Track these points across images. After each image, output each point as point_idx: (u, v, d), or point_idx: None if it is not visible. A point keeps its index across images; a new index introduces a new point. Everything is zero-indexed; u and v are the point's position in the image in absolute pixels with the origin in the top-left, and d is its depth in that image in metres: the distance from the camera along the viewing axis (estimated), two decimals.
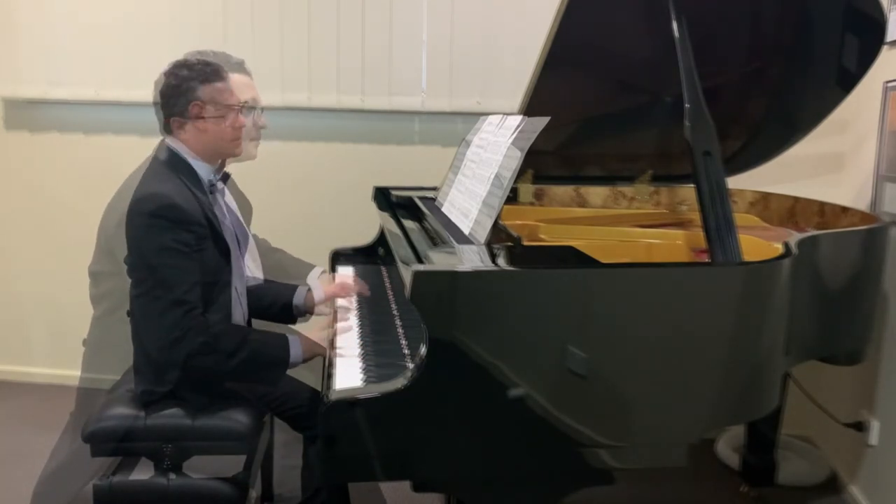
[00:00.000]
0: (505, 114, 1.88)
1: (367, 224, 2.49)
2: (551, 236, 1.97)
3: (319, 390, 1.69)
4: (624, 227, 2.14)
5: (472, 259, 1.44)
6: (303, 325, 2.14)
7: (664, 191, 2.51)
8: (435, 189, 2.22)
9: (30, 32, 3.07)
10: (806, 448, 2.75)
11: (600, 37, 1.97)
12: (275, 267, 2.43)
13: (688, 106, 1.61)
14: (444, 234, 1.68)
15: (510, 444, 1.36)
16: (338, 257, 2.44)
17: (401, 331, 1.80)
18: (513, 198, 2.37)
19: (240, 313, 1.88)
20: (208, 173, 1.82)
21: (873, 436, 2.33)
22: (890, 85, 2.32)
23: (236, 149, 1.86)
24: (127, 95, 3.03)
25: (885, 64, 2.21)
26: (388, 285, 2.22)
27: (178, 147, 1.79)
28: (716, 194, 1.56)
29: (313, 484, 1.89)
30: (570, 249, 1.56)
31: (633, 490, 2.44)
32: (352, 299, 2.03)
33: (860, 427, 2.38)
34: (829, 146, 2.67)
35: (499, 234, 1.58)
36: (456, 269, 1.33)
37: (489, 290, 1.32)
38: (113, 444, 1.73)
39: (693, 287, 1.42)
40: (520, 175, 2.07)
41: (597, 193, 2.52)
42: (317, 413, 1.35)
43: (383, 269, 2.37)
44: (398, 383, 1.32)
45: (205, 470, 1.76)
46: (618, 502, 2.33)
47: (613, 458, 1.39)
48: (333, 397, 1.33)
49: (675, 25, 1.69)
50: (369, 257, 2.45)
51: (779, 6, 2.05)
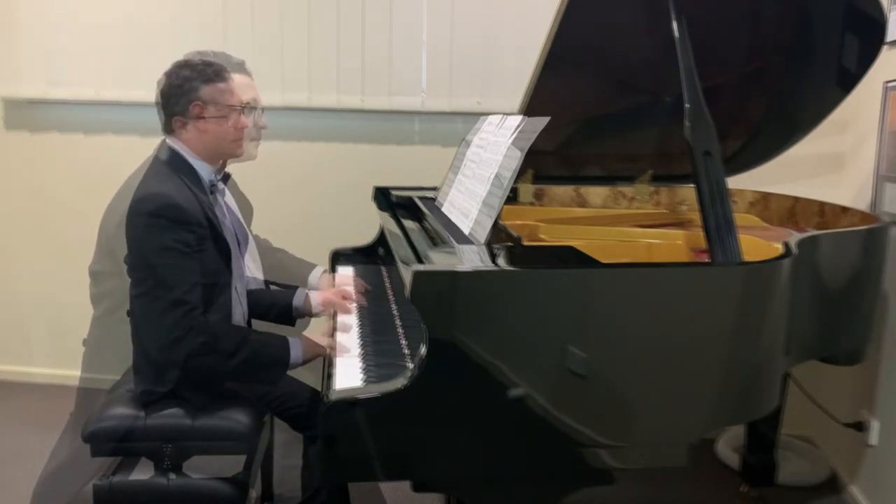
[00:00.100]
0: (505, 114, 1.88)
1: (367, 224, 2.49)
2: (551, 236, 1.97)
3: (319, 390, 1.69)
4: (624, 227, 2.14)
5: (472, 259, 1.44)
6: (304, 328, 2.14)
7: (664, 191, 2.51)
8: (435, 189, 2.21)
9: (30, 32, 3.07)
10: (806, 448, 2.75)
11: (600, 37, 1.98)
12: (276, 267, 2.43)
13: (688, 106, 1.62)
14: (444, 234, 1.68)
15: (510, 443, 1.36)
16: (338, 257, 2.43)
17: (401, 331, 1.80)
18: (513, 198, 2.37)
19: (240, 313, 1.88)
20: (209, 173, 1.82)
21: (873, 436, 2.32)
22: (890, 85, 2.32)
23: (237, 149, 1.86)
24: (127, 95, 3.03)
25: (885, 64, 2.21)
26: (388, 285, 2.22)
27: (179, 147, 1.79)
28: (716, 194, 1.56)
29: (313, 484, 1.89)
30: (570, 249, 1.56)
31: (633, 490, 2.44)
32: (351, 303, 2.02)
33: (860, 427, 2.38)
34: (829, 146, 2.67)
35: (499, 234, 1.58)
36: (456, 269, 1.33)
37: (489, 290, 1.32)
38: (113, 444, 1.73)
39: (693, 287, 1.42)
40: (520, 175, 2.07)
41: (597, 193, 2.52)
42: (317, 413, 1.35)
43: (383, 269, 2.37)
44: (398, 383, 1.32)
45: (205, 470, 1.76)
46: (618, 502, 2.33)
47: (613, 458, 1.39)
48: (333, 397, 1.33)
49: (675, 25, 1.69)
50: (369, 257, 2.45)
51: (779, 6, 2.05)
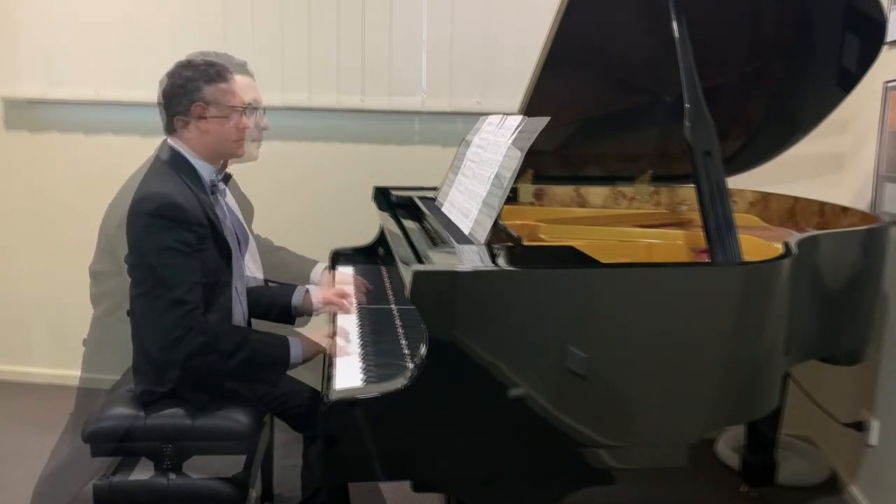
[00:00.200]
0: (505, 114, 1.88)
1: (367, 224, 2.49)
2: (551, 236, 1.97)
3: (319, 390, 1.69)
4: (624, 227, 2.14)
5: (472, 259, 1.44)
6: (303, 328, 2.14)
7: (664, 191, 2.51)
8: (435, 189, 2.21)
9: (30, 32, 3.07)
10: (806, 448, 2.75)
11: (600, 37, 1.97)
12: (277, 265, 2.43)
13: (688, 106, 1.62)
14: (444, 234, 1.68)
15: (510, 444, 1.36)
16: (338, 257, 2.43)
17: (401, 331, 1.80)
18: (513, 198, 2.37)
19: (240, 313, 1.88)
20: (210, 173, 1.82)
21: (873, 436, 2.32)
22: (890, 85, 2.32)
23: (239, 149, 1.86)
24: (127, 95, 3.03)
25: (885, 64, 2.21)
26: (388, 285, 2.22)
27: (180, 147, 1.79)
28: (716, 194, 1.56)
29: (313, 484, 1.89)
30: (570, 249, 1.56)
31: (633, 490, 2.44)
32: (351, 301, 2.02)
33: (860, 427, 2.38)
34: (829, 146, 2.67)
35: (499, 234, 1.58)
36: (456, 269, 1.33)
37: (489, 290, 1.32)
38: (113, 444, 1.73)
39: (693, 287, 1.42)
40: (520, 175, 2.07)
41: (597, 193, 2.52)
42: (317, 413, 1.35)
43: (383, 269, 2.37)
44: (398, 383, 1.32)
45: (205, 470, 1.76)
46: (618, 502, 2.33)
47: (613, 458, 1.39)
48: (333, 397, 1.33)
49: (675, 25, 1.69)
50: (369, 257, 2.45)
51: (779, 6, 2.05)
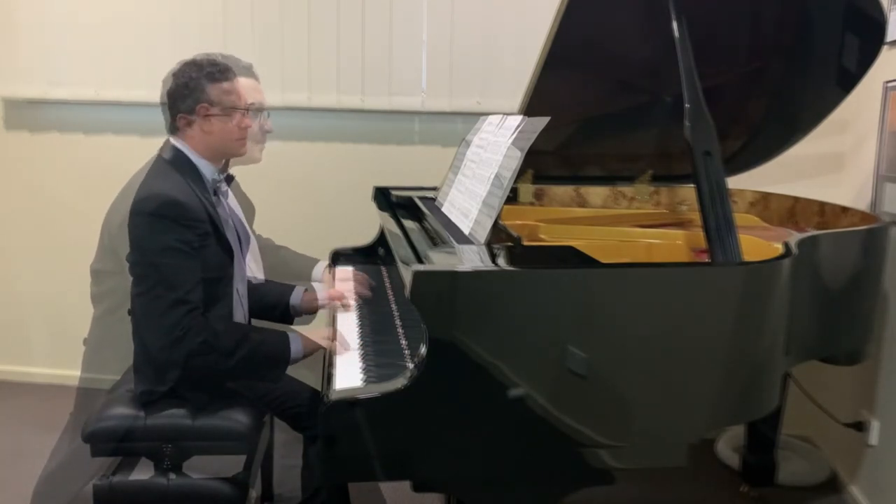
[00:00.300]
0: (505, 114, 1.88)
1: (367, 224, 2.49)
2: (551, 236, 1.97)
3: (319, 390, 1.69)
4: (624, 227, 2.14)
5: (472, 259, 1.44)
6: (303, 328, 2.14)
7: (664, 191, 2.51)
8: (435, 189, 2.21)
9: (30, 32, 3.07)
10: (806, 448, 2.75)
11: (600, 37, 1.97)
12: (279, 264, 2.43)
13: (688, 106, 1.61)
14: (444, 234, 1.68)
15: (510, 444, 1.36)
16: (338, 257, 2.43)
17: (401, 331, 1.80)
18: (513, 198, 2.37)
19: (241, 314, 1.88)
20: (212, 173, 1.82)
21: (873, 436, 2.32)
22: (890, 85, 2.32)
23: (241, 148, 1.87)
24: (127, 95, 3.04)
25: (885, 64, 2.21)
26: (388, 285, 2.22)
27: (182, 146, 1.79)
28: (716, 194, 1.56)
29: (313, 484, 1.89)
30: (570, 249, 1.56)
31: (633, 490, 2.44)
32: (350, 300, 2.03)
33: (860, 427, 2.38)
34: (829, 146, 2.67)
35: (499, 234, 1.58)
36: (456, 269, 1.33)
37: (489, 290, 1.32)
38: (113, 444, 1.73)
39: (693, 287, 1.42)
40: (520, 175, 2.07)
41: (597, 193, 2.52)
42: (317, 413, 1.35)
43: (383, 269, 2.37)
44: (398, 383, 1.32)
45: (205, 470, 1.76)
46: (618, 502, 2.33)
47: (613, 458, 1.39)
48: (333, 397, 1.33)
49: (675, 25, 1.69)
50: (369, 257, 2.44)
51: (779, 6, 2.05)
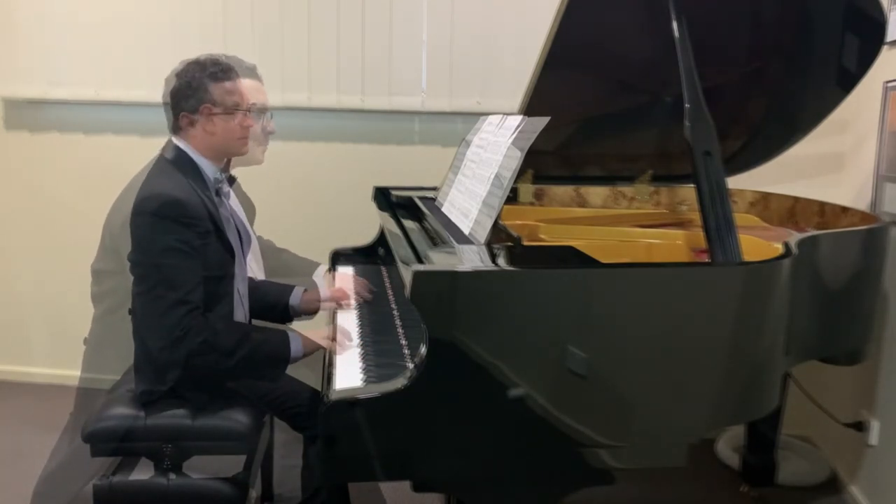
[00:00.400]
0: (505, 114, 1.88)
1: (367, 224, 2.49)
2: (551, 236, 1.97)
3: (319, 390, 1.69)
4: (624, 227, 2.14)
5: (472, 259, 1.44)
6: (303, 327, 2.14)
7: (664, 191, 2.51)
8: (435, 189, 2.21)
9: (30, 32, 3.07)
10: (806, 448, 2.75)
11: (600, 37, 1.97)
12: (280, 267, 2.44)
13: (688, 106, 1.61)
14: (444, 234, 1.68)
15: (510, 444, 1.36)
16: (338, 257, 2.43)
17: (401, 331, 1.80)
18: (513, 198, 2.37)
19: (241, 314, 1.88)
20: (214, 172, 1.82)
21: (873, 436, 2.32)
22: (890, 85, 2.32)
23: (243, 147, 1.87)
24: (127, 95, 3.04)
25: (885, 64, 2.21)
26: (388, 285, 2.22)
27: (185, 146, 1.79)
28: (716, 194, 1.56)
29: (313, 484, 1.89)
30: (570, 249, 1.56)
31: (633, 490, 2.44)
32: (350, 300, 2.03)
33: (860, 427, 2.38)
34: (829, 146, 2.66)
35: (499, 234, 1.58)
36: (456, 269, 1.33)
37: (489, 290, 1.32)
38: (113, 444, 1.73)
39: (693, 287, 1.42)
40: (520, 175, 2.07)
41: (597, 193, 2.52)
42: (317, 413, 1.35)
43: (383, 269, 2.37)
44: (398, 383, 1.32)
45: (205, 470, 1.76)
46: (618, 502, 2.33)
47: (613, 458, 1.39)
48: (333, 397, 1.33)
49: (675, 25, 1.69)
50: (369, 257, 2.44)
51: (779, 6, 2.05)
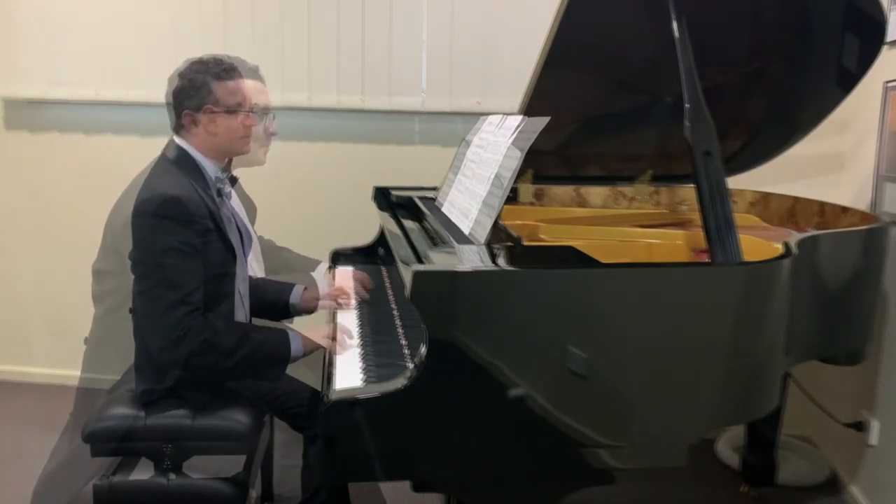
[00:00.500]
0: (505, 114, 1.88)
1: (367, 224, 2.49)
2: (551, 236, 1.97)
3: (319, 390, 1.69)
4: (624, 227, 2.14)
5: (472, 259, 1.44)
6: (303, 327, 2.14)
7: (664, 191, 2.51)
8: (435, 189, 2.21)
9: (30, 32, 3.07)
10: (806, 448, 2.75)
11: (600, 37, 1.97)
12: (281, 266, 2.44)
13: (688, 106, 1.61)
14: (444, 234, 1.68)
15: (510, 444, 1.36)
16: (338, 257, 2.43)
17: (401, 331, 1.80)
18: (513, 198, 2.37)
19: (242, 315, 1.88)
20: (215, 171, 1.82)
21: (873, 436, 2.32)
22: (890, 85, 2.32)
23: (245, 146, 1.87)
24: (127, 95, 3.04)
25: (885, 64, 2.21)
26: (388, 285, 2.22)
27: (187, 146, 1.79)
28: (716, 194, 1.56)
29: (313, 484, 1.89)
30: (570, 249, 1.56)
31: (633, 490, 2.44)
32: (350, 299, 2.03)
33: (860, 427, 2.38)
34: (829, 146, 2.66)
35: (499, 234, 1.58)
36: (456, 269, 1.33)
37: (489, 290, 1.32)
38: (113, 444, 1.73)
39: (693, 287, 1.42)
40: (520, 175, 2.07)
41: (597, 193, 2.52)
42: (317, 413, 1.35)
43: (383, 269, 2.37)
44: (398, 383, 1.32)
45: (205, 470, 1.76)
46: (618, 502, 2.33)
47: (613, 458, 1.39)
48: (333, 397, 1.33)
49: (675, 25, 1.69)
50: (369, 257, 2.44)
51: (779, 6, 2.05)
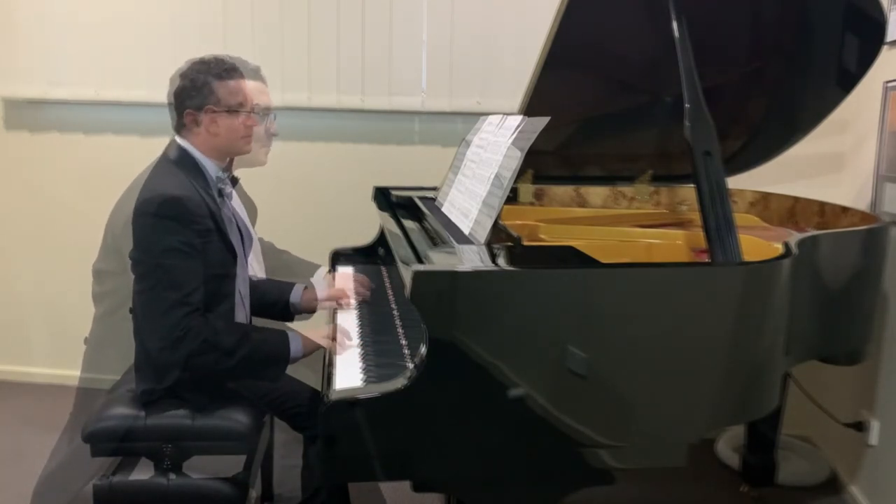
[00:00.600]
0: (505, 114, 1.88)
1: (367, 224, 2.49)
2: (551, 236, 1.97)
3: (319, 390, 1.69)
4: (624, 227, 2.14)
5: (472, 259, 1.44)
6: (303, 327, 2.14)
7: (664, 191, 2.51)
8: (435, 189, 2.21)
9: (30, 32, 3.07)
10: (806, 448, 2.75)
11: (600, 37, 1.97)
12: (281, 268, 2.44)
13: (688, 106, 1.61)
14: (444, 234, 1.68)
15: (510, 444, 1.36)
16: (338, 257, 2.43)
17: (401, 331, 1.80)
18: (513, 198, 2.37)
19: (243, 315, 1.88)
20: (216, 171, 1.82)
21: (873, 436, 2.32)
22: (890, 85, 2.32)
23: (246, 146, 1.87)
24: (127, 95, 3.04)
25: (885, 64, 2.21)
26: (388, 285, 2.22)
27: (188, 146, 1.79)
28: (716, 194, 1.56)
29: (313, 484, 1.89)
30: (570, 249, 1.56)
31: (633, 490, 2.44)
32: (350, 300, 2.03)
33: (860, 427, 2.38)
34: (829, 146, 2.66)
35: (499, 234, 1.58)
36: (456, 269, 1.33)
37: (489, 290, 1.32)
38: (113, 444, 1.73)
39: (693, 287, 1.42)
40: (520, 175, 2.07)
41: (597, 193, 2.52)
42: (317, 413, 1.35)
43: (383, 269, 2.37)
44: (398, 383, 1.32)
45: (205, 470, 1.76)
46: (618, 502, 2.33)
47: (613, 458, 1.39)
48: (333, 397, 1.33)
49: (675, 25, 1.69)
50: (369, 257, 2.44)
51: (779, 6, 2.05)
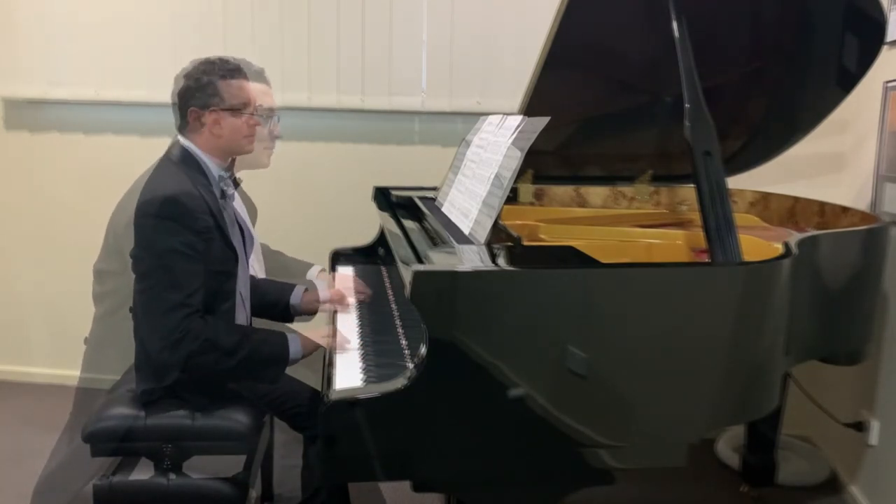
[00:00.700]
0: (505, 114, 1.88)
1: (367, 224, 2.49)
2: (551, 236, 1.97)
3: (319, 390, 1.69)
4: (624, 227, 2.14)
5: (472, 259, 1.44)
6: (303, 327, 2.14)
7: (664, 191, 2.51)
8: (435, 189, 2.21)
9: (30, 32, 3.07)
10: (806, 448, 2.75)
11: (600, 37, 1.97)
12: (277, 268, 2.44)
13: (688, 106, 1.61)
14: (444, 234, 1.68)
15: (510, 444, 1.36)
16: (338, 257, 2.43)
17: (401, 331, 1.80)
18: (513, 198, 2.37)
19: (243, 317, 1.88)
20: (218, 170, 1.82)
21: (873, 436, 2.32)
22: (890, 85, 2.32)
23: (249, 146, 1.87)
24: (127, 95, 3.04)
25: (885, 64, 2.21)
26: (388, 285, 2.22)
27: (190, 145, 1.79)
28: (716, 194, 1.56)
29: (313, 484, 1.89)
30: (570, 249, 1.56)
31: (633, 490, 2.44)
32: (350, 298, 2.03)
33: (860, 427, 2.38)
34: (829, 146, 2.67)
35: (499, 234, 1.58)
36: (456, 269, 1.33)
37: (489, 290, 1.32)
38: (113, 444, 1.73)
39: (693, 287, 1.42)
40: (520, 175, 2.07)
41: (597, 193, 2.52)
42: (317, 413, 1.35)
43: (383, 269, 2.37)
44: (398, 383, 1.32)
45: (205, 470, 1.76)
46: (618, 502, 2.33)
47: (613, 458, 1.39)
48: (333, 397, 1.33)
49: (675, 25, 1.69)
50: (369, 257, 2.45)
51: (779, 6, 2.05)
